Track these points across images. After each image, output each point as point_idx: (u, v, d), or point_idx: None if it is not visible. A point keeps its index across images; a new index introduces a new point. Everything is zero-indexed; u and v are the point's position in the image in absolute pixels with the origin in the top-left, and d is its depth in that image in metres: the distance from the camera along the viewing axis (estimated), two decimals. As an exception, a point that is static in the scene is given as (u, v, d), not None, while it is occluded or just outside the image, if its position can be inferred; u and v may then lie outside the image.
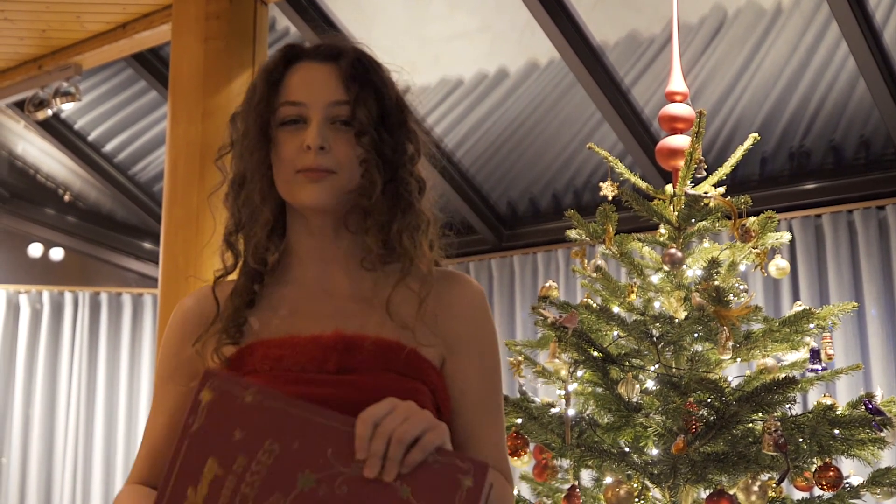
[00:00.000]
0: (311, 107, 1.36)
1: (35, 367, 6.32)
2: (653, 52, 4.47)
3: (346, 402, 1.26)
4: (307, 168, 1.35)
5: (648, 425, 2.56)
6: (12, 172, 6.44)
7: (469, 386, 1.39)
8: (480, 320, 1.42)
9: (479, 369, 1.40)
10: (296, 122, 1.37)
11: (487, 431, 1.40)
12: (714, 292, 2.59)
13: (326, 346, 1.33)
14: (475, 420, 1.39)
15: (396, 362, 1.33)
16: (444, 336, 1.39)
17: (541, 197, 5.35)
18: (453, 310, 1.40)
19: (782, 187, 4.59)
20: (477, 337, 1.41)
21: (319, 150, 1.34)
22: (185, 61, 3.86)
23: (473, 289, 1.44)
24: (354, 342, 1.33)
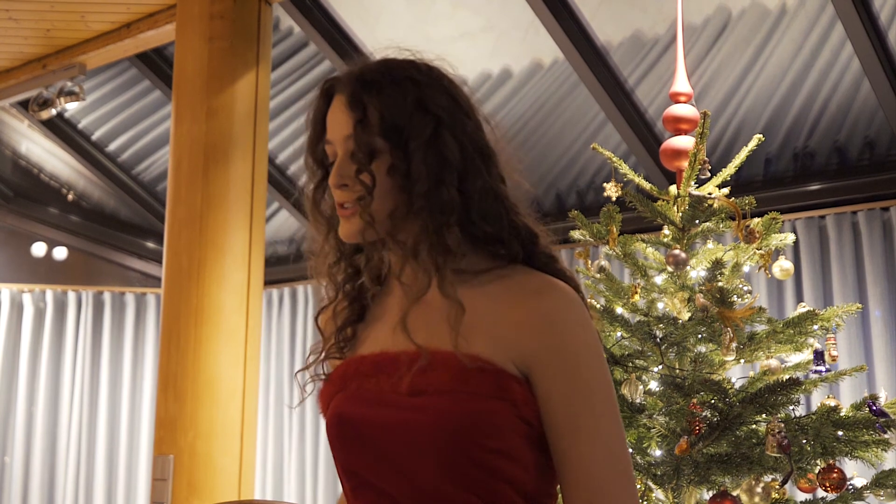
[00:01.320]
0: (336, 144, 1.38)
1: (38, 366, 6.33)
2: (657, 53, 4.47)
3: (413, 428, 1.28)
4: (339, 204, 1.38)
5: (652, 426, 2.56)
6: (16, 171, 6.45)
7: (553, 405, 1.29)
8: (558, 335, 1.30)
9: (565, 386, 1.29)
10: (333, 161, 1.40)
11: (577, 452, 1.28)
12: (718, 293, 2.59)
13: (404, 365, 1.32)
14: (563, 441, 1.29)
15: (471, 380, 1.28)
16: (524, 351, 1.30)
17: (544, 197, 5.35)
18: (530, 325, 1.30)
19: (786, 188, 4.58)
20: (559, 351, 1.30)
21: (342, 187, 1.36)
22: (189, 61, 3.86)
23: (554, 300, 1.32)
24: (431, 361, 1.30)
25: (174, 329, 3.66)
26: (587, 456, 1.28)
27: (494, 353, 1.30)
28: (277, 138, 5.43)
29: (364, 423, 1.33)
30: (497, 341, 1.30)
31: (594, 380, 1.31)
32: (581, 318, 1.32)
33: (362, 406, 1.33)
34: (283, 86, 5.22)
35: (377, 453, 1.31)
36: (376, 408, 1.32)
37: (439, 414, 1.27)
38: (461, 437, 1.27)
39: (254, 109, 3.86)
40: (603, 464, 1.28)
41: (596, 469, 1.28)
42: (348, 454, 1.35)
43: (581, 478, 1.28)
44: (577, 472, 1.28)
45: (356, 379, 1.37)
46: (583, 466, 1.28)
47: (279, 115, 5.32)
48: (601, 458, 1.28)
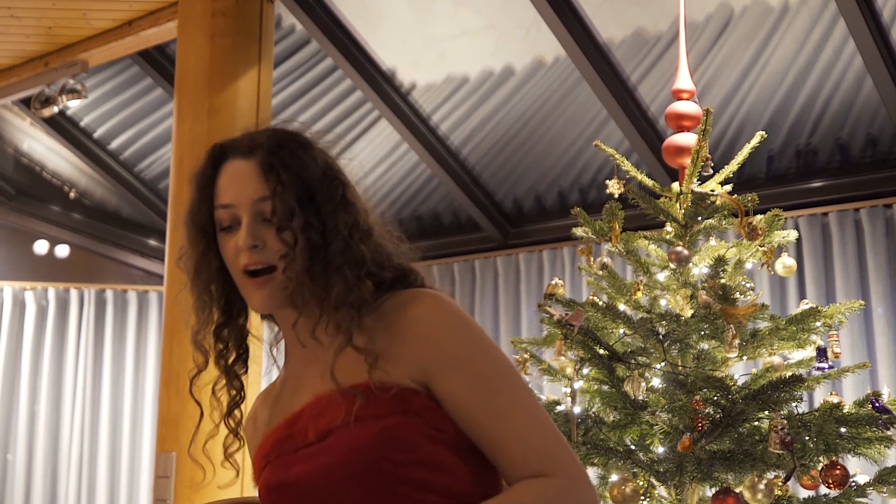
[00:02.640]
0: (240, 207, 1.39)
1: (40, 364, 6.33)
2: (659, 50, 4.47)
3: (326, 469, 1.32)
4: (246, 266, 1.38)
5: (654, 423, 2.56)
6: (18, 169, 6.45)
7: (462, 402, 1.33)
8: (443, 334, 1.35)
9: (464, 378, 1.33)
10: (231, 224, 1.40)
11: (504, 434, 1.32)
12: (720, 290, 2.59)
13: (306, 416, 1.38)
14: (485, 429, 1.32)
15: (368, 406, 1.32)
16: (415, 362, 1.34)
17: (546, 195, 5.34)
18: (410, 336, 1.35)
19: (789, 185, 4.57)
20: (446, 353, 1.34)
21: (252, 248, 1.37)
22: (191, 58, 3.86)
23: (425, 305, 1.38)
24: (325, 403, 1.36)
25: (176, 327, 3.66)
26: (515, 432, 1.32)
27: (386, 374, 1.33)
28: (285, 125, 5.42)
29: (287, 486, 1.36)
30: (388, 362, 1.34)
31: (486, 362, 1.36)
32: (450, 311, 1.38)
33: (283, 471, 1.38)
34: (285, 83, 5.22)
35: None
36: (295, 466, 1.36)
37: (348, 445, 1.31)
38: (374, 459, 1.30)
39: (256, 107, 3.86)
40: (532, 432, 1.32)
41: (529, 440, 1.32)
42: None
43: (517, 454, 1.31)
44: (511, 451, 1.31)
45: (275, 447, 1.41)
46: (515, 443, 1.31)
47: (281, 113, 5.32)
48: (529, 428, 1.32)
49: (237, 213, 1.39)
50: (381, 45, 4.77)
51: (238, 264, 1.39)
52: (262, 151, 1.40)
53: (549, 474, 1.30)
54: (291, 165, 1.39)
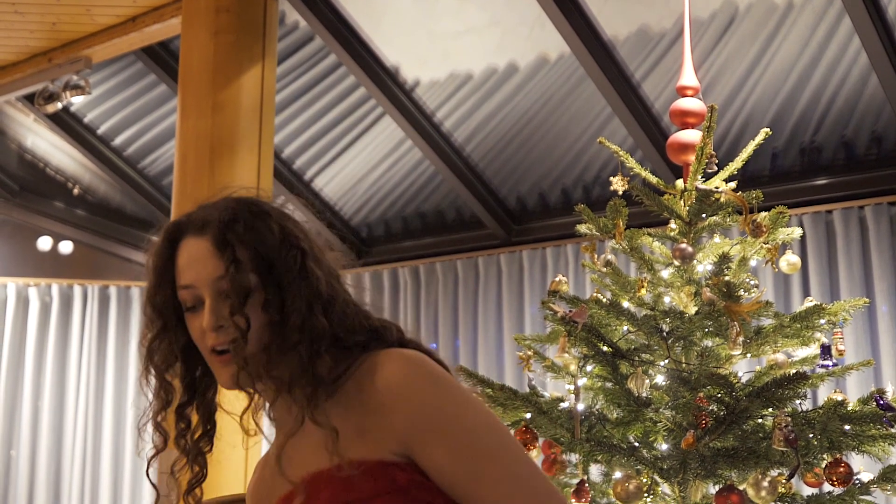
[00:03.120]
0: (200, 287, 1.35)
1: (44, 360, 6.33)
2: (663, 47, 4.46)
3: None
4: (213, 347, 1.35)
5: (658, 420, 2.55)
6: (22, 166, 6.46)
7: (444, 469, 1.28)
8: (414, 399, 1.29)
9: (444, 450, 1.28)
10: (194, 304, 1.36)
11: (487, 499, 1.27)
12: (724, 287, 2.58)
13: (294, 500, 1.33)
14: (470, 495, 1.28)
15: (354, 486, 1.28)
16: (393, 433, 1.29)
17: (550, 192, 5.34)
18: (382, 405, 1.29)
19: (793, 183, 4.57)
20: (419, 419, 1.28)
21: (218, 329, 1.33)
22: (195, 55, 3.86)
23: (391, 371, 1.30)
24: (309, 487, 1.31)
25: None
26: (504, 497, 1.27)
27: (368, 450, 1.28)
28: (283, 132, 5.43)
29: None
30: (366, 436, 1.29)
31: (467, 425, 1.30)
32: (421, 372, 1.30)
33: None
34: (289, 80, 5.22)
35: None
36: None
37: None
38: None
39: (259, 104, 3.86)
40: (522, 493, 1.28)
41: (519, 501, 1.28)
42: None
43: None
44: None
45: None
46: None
47: (285, 110, 5.32)
48: (517, 490, 1.28)
49: (199, 293, 1.35)
50: (384, 42, 4.77)
51: (205, 344, 1.36)
52: (214, 227, 1.35)
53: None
54: (246, 240, 1.34)
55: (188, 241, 1.38)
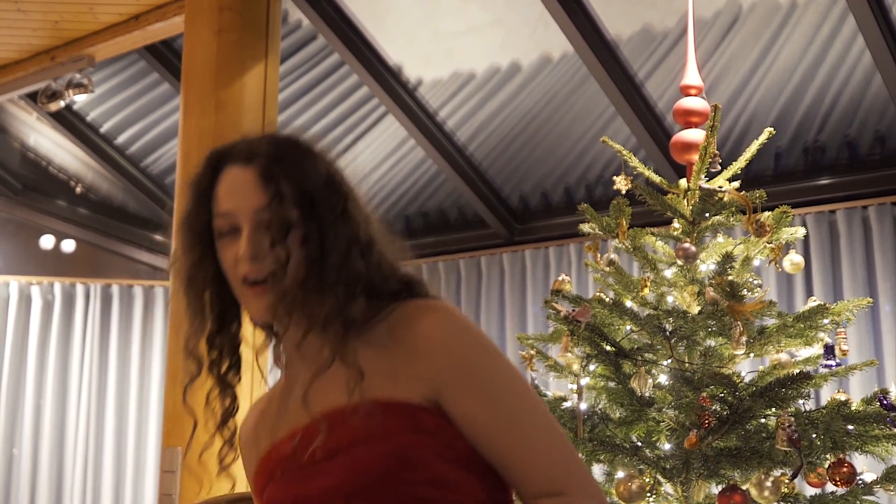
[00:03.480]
0: (240, 215, 1.35)
1: (46, 359, 6.34)
2: (667, 46, 4.45)
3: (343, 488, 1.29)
4: (246, 276, 1.34)
5: (661, 420, 2.55)
6: (24, 164, 6.46)
7: (476, 418, 1.30)
8: (454, 349, 1.31)
9: (477, 400, 1.30)
10: (231, 232, 1.36)
11: (519, 450, 1.30)
12: (728, 287, 2.58)
13: (313, 433, 1.32)
14: (500, 445, 1.30)
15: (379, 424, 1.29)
16: (426, 379, 1.31)
17: (553, 191, 5.34)
18: (420, 351, 1.31)
19: (796, 182, 4.56)
20: (456, 369, 1.30)
21: (253, 259, 1.33)
22: (198, 53, 3.86)
23: (435, 320, 1.33)
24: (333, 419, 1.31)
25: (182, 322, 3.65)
26: (528, 452, 1.30)
27: (397, 392, 1.30)
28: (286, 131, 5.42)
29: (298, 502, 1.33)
30: (396, 379, 1.31)
31: (499, 379, 1.32)
32: (460, 327, 1.33)
33: (289, 488, 1.34)
34: (292, 79, 5.21)
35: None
36: (301, 485, 1.32)
37: (359, 465, 1.28)
38: (388, 479, 1.27)
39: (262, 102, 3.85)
40: (550, 449, 1.31)
41: (543, 459, 1.30)
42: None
43: (536, 472, 1.30)
44: (529, 469, 1.30)
45: (279, 464, 1.37)
46: (528, 462, 1.30)
47: (288, 108, 5.32)
48: (547, 445, 1.31)
49: (237, 221, 1.35)
50: (388, 41, 4.76)
51: (237, 273, 1.35)
52: (262, 159, 1.35)
53: (567, 493, 1.29)
54: (292, 175, 1.35)
55: (232, 169, 1.37)
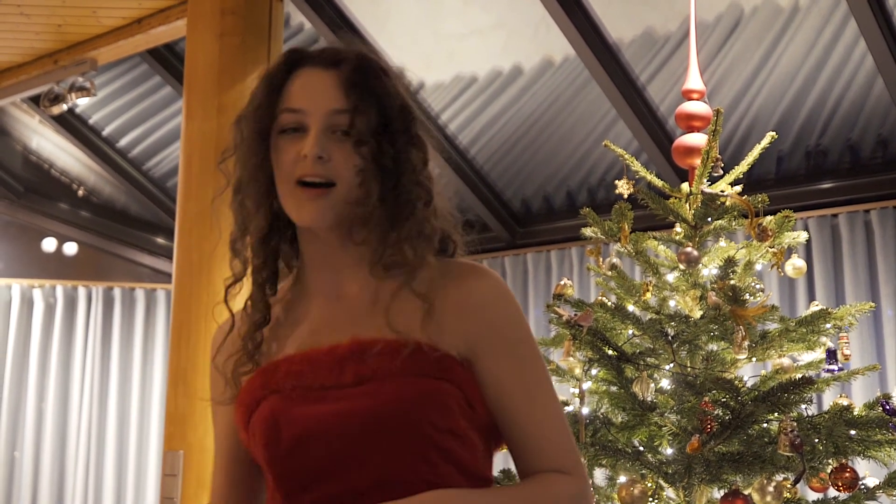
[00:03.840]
0: (311, 114, 1.33)
1: (48, 362, 6.34)
2: (668, 50, 4.45)
3: (364, 414, 1.27)
4: (305, 175, 1.32)
5: (663, 424, 2.55)
6: (27, 167, 6.46)
7: (503, 382, 1.33)
8: (500, 314, 1.35)
9: (512, 362, 1.34)
10: (295, 129, 1.34)
11: (536, 423, 1.34)
12: (730, 291, 2.58)
13: (343, 356, 1.31)
14: (520, 414, 1.33)
15: (416, 363, 1.29)
16: (465, 335, 1.33)
17: (555, 195, 5.33)
18: (468, 307, 1.34)
19: (798, 186, 4.56)
20: (499, 333, 1.34)
21: (317, 159, 1.31)
22: (201, 57, 3.86)
23: (487, 281, 1.36)
24: (369, 347, 1.30)
25: (184, 325, 3.66)
26: (545, 425, 1.34)
27: (433, 339, 1.31)
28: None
29: (310, 420, 1.29)
30: (437, 328, 1.32)
31: (532, 352, 1.36)
32: (507, 295, 1.37)
33: (304, 404, 1.30)
34: (294, 82, 5.21)
35: (327, 449, 1.28)
36: (317, 404, 1.29)
37: (392, 396, 1.27)
38: (412, 417, 1.27)
39: (264, 105, 3.85)
40: (559, 429, 1.35)
41: (556, 435, 1.34)
42: (290, 456, 1.30)
43: (544, 445, 1.33)
44: (538, 440, 1.33)
45: (289, 379, 1.32)
46: (543, 434, 1.33)
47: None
48: (557, 424, 1.35)
49: (305, 120, 1.33)
50: (389, 44, 4.76)
51: (294, 173, 1.33)
52: (347, 66, 1.35)
53: (570, 473, 1.33)
54: (375, 88, 1.35)
55: (311, 70, 1.36)
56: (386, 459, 1.27)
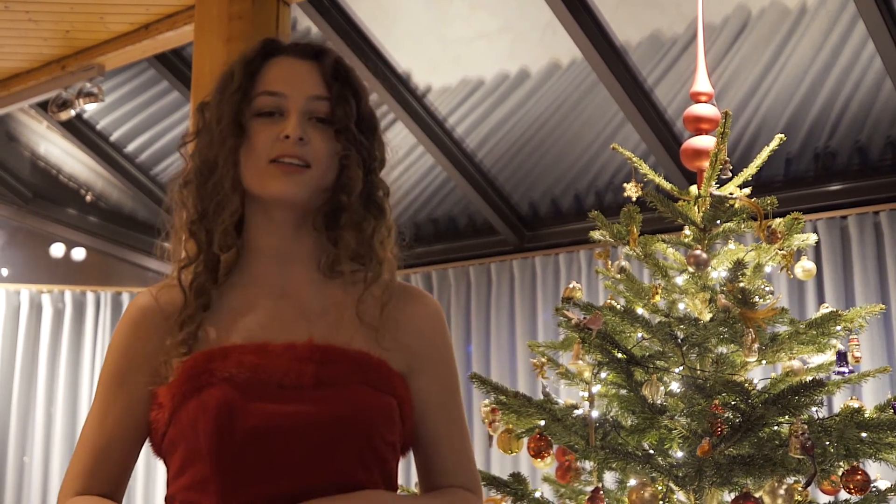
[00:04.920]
0: (291, 98, 1.36)
1: (57, 367, 6.35)
2: (676, 52, 4.45)
3: (322, 419, 1.28)
4: (283, 155, 1.34)
5: (673, 427, 2.54)
6: (35, 172, 6.48)
7: (431, 401, 1.42)
8: (439, 338, 1.45)
9: (441, 383, 1.43)
10: (272, 113, 1.37)
11: (452, 441, 1.44)
12: (739, 294, 2.57)
13: (302, 356, 1.31)
14: (440, 432, 1.43)
15: (368, 375, 1.34)
16: (406, 349, 1.40)
17: (563, 198, 5.33)
18: (413, 326, 1.42)
19: (807, 188, 4.55)
20: (436, 354, 1.43)
21: (298, 140, 1.34)
22: (208, 62, 3.87)
23: (432, 305, 1.46)
24: (329, 353, 1.32)
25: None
26: (459, 444, 1.44)
27: (384, 354, 1.36)
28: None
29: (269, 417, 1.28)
30: (383, 342, 1.37)
31: (456, 376, 1.47)
32: (444, 320, 1.47)
33: (263, 400, 1.29)
34: (301, 86, 5.21)
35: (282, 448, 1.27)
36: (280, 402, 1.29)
37: (351, 404, 1.30)
38: (369, 428, 1.31)
39: (272, 110, 3.86)
40: (468, 450, 1.45)
41: (465, 455, 1.45)
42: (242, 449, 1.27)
43: (455, 463, 1.43)
44: (452, 457, 1.43)
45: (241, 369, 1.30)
46: (457, 452, 1.43)
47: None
48: (467, 445, 1.46)
49: (284, 103, 1.37)
50: (396, 48, 4.77)
51: (270, 153, 1.35)
52: (327, 60, 1.40)
53: (473, 491, 1.44)
54: (352, 84, 1.41)
55: (290, 59, 1.40)
56: (333, 464, 1.29)
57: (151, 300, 1.42)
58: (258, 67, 1.40)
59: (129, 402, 1.37)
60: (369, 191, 1.39)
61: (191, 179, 1.42)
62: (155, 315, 1.40)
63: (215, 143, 1.38)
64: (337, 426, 1.29)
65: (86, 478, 1.37)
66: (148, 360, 1.37)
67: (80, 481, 1.37)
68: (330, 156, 1.36)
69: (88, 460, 1.37)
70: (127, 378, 1.38)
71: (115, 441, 1.37)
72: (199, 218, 1.41)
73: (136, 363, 1.38)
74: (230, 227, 1.38)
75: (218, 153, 1.38)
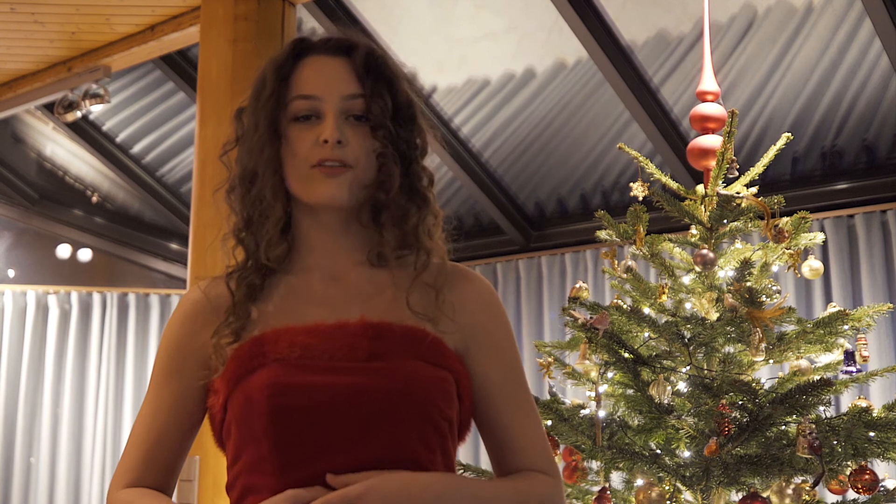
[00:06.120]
0: (325, 100, 1.35)
1: (64, 368, 6.36)
2: (682, 52, 4.44)
3: (377, 390, 1.28)
4: (324, 160, 1.33)
5: (680, 427, 2.53)
6: (41, 174, 6.49)
7: (493, 381, 1.39)
8: (494, 314, 1.42)
9: (501, 363, 1.40)
10: (308, 117, 1.36)
11: (522, 425, 1.40)
12: (746, 293, 2.56)
13: (355, 333, 1.32)
14: (508, 416, 1.39)
15: (422, 350, 1.32)
16: (462, 331, 1.38)
17: (569, 197, 5.32)
18: (467, 304, 1.40)
19: (814, 187, 4.54)
20: (493, 331, 1.41)
21: (337, 144, 1.33)
22: (214, 63, 3.87)
23: (484, 284, 1.45)
24: (382, 329, 1.32)
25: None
26: (528, 426, 1.40)
27: (439, 330, 1.35)
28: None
29: (322, 389, 1.27)
30: (439, 322, 1.35)
31: (517, 357, 1.44)
32: (499, 300, 1.46)
33: (314, 373, 1.28)
34: (307, 87, 5.22)
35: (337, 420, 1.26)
36: (332, 374, 1.28)
37: (405, 376, 1.29)
38: (425, 401, 1.29)
39: (278, 110, 3.86)
40: (539, 431, 1.42)
41: (537, 436, 1.41)
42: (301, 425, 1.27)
43: (526, 445, 1.39)
44: (521, 440, 1.39)
45: (293, 349, 1.31)
46: (526, 435, 1.39)
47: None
48: (537, 427, 1.42)
49: (320, 106, 1.35)
50: (402, 48, 4.76)
51: (311, 158, 1.34)
52: (358, 54, 1.38)
53: (553, 475, 1.40)
54: (386, 76, 1.38)
55: (320, 58, 1.38)
56: (391, 438, 1.27)
57: (201, 294, 1.42)
58: (290, 70, 1.38)
59: (180, 394, 1.39)
60: (411, 182, 1.38)
61: (235, 186, 1.41)
62: (205, 308, 1.41)
63: (254, 151, 1.38)
64: (392, 396, 1.27)
65: (137, 471, 1.38)
66: (198, 352, 1.38)
67: (131, 474, 1.38)
68: (368, 153, 1.35)
69: (139, 453, 1.39)
70: (178, 371, 1.40)
71: (166, 434, 1.39)
72: (245, 225, 1.40)
73: (187, 356, 1.39)
74: (275, 236, 1.39)
75: (257, 162, 1.38)
